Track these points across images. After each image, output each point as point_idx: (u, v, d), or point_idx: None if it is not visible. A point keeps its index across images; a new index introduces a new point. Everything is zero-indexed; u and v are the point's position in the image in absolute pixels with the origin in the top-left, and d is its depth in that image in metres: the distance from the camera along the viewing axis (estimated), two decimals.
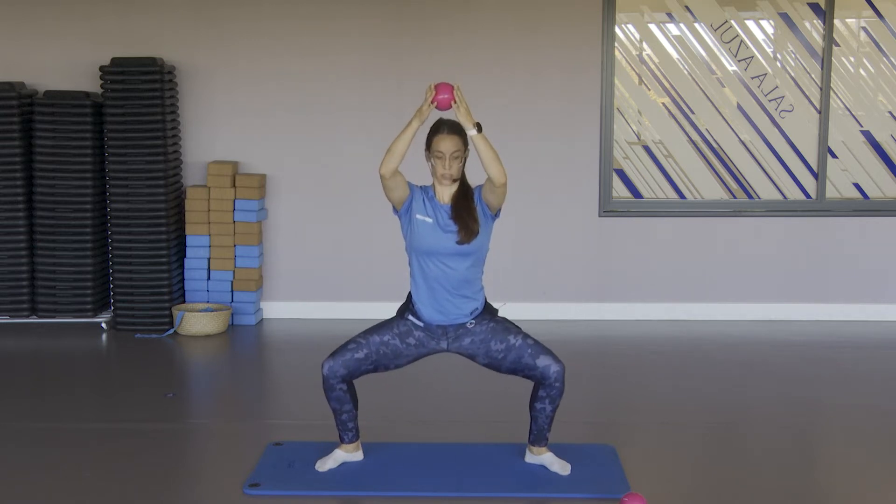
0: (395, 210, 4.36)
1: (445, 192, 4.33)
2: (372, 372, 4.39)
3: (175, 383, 6.04)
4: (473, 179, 4.39)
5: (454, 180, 4.31)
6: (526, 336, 4.34)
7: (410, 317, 4.36)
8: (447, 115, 4.27)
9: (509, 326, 4.37)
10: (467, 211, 4.26)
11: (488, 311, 4.39)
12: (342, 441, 4.49)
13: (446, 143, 4.25)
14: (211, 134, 7.25)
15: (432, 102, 4.15)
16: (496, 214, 4.33)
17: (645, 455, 4.74)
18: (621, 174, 7.33)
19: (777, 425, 5.20)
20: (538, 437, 4.45)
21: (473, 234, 4.24)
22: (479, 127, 4.15)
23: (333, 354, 4.33)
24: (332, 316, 7.27)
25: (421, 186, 4.37)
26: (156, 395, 5.58)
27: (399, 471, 4.44)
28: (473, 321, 4.33)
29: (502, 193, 4.22)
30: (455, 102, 4.15)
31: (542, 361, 4.29)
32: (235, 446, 4.84)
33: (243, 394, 5.83)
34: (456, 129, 4.26)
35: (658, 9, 7.28)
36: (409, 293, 4.38)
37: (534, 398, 4.37)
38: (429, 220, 4.27)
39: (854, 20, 7.31)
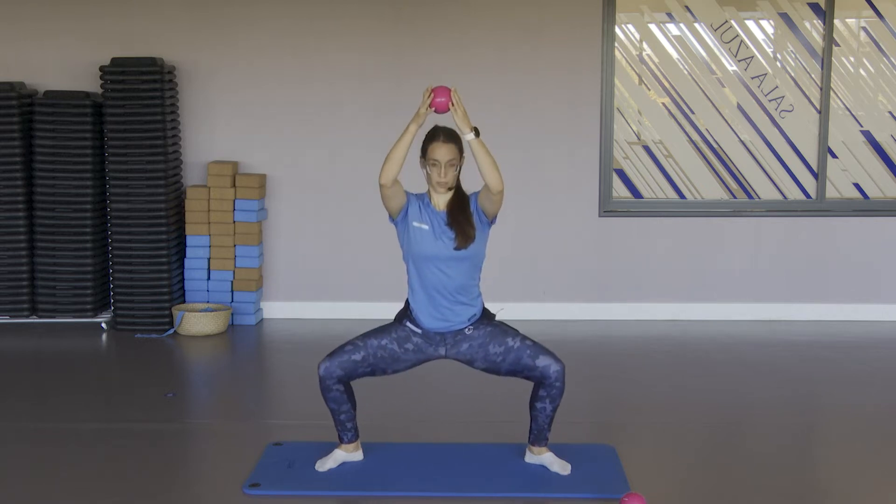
0: (392, 218, 4.35)
1: (441, 199, 4.32)
2: (369, 375, 4.39)
3: (175, 383, 6.03)
4: (469, 186, 4.39)
5: (449, 188, 4.30)
6: (524, 338, 4.35)
7: (409, 324, 4.36)
8: (445, 118, 4.24)
9: (507, 329, 4.38)
10: (464, 216, 4.25)
11: (486, 317, 4.40)
12: (341, 441, 4.50)
13: (442, 151, 4.24)
14: (211, 134, 7.25)
15: (430, 106, 4.14)
16: (492, 221, 4.32)
17: (645, 455, 4.74)
18: (621, 174, 7.33)
19: (777, 425, 5.20)
20: (538, 436, 4.45)
21: (470, 239, 4.24)
22: (476, 132, 4.15)
23: (331, 355, 4.33)
24: (332, 316, 7.27)
25: (416, 194, 4.37)
26: (156, 395, 5.58)
27: (399, 471, 4.44)
28: (472, 327, 4.34)
29: (499, 200, 4.21)
30: (453, 105, 4.14)
31: (542, 361, 4.29)
32: (235, 446, 4.83)
33: (243, 394, 5.82)
34: (452, 137, 4.25)
35: (658, 9, 7.28)
36: (407, 301, 4.39)
37: (534, 398, 4.38)
38: (425, 226, 4.27)
39: (854, 20, 7.30)
